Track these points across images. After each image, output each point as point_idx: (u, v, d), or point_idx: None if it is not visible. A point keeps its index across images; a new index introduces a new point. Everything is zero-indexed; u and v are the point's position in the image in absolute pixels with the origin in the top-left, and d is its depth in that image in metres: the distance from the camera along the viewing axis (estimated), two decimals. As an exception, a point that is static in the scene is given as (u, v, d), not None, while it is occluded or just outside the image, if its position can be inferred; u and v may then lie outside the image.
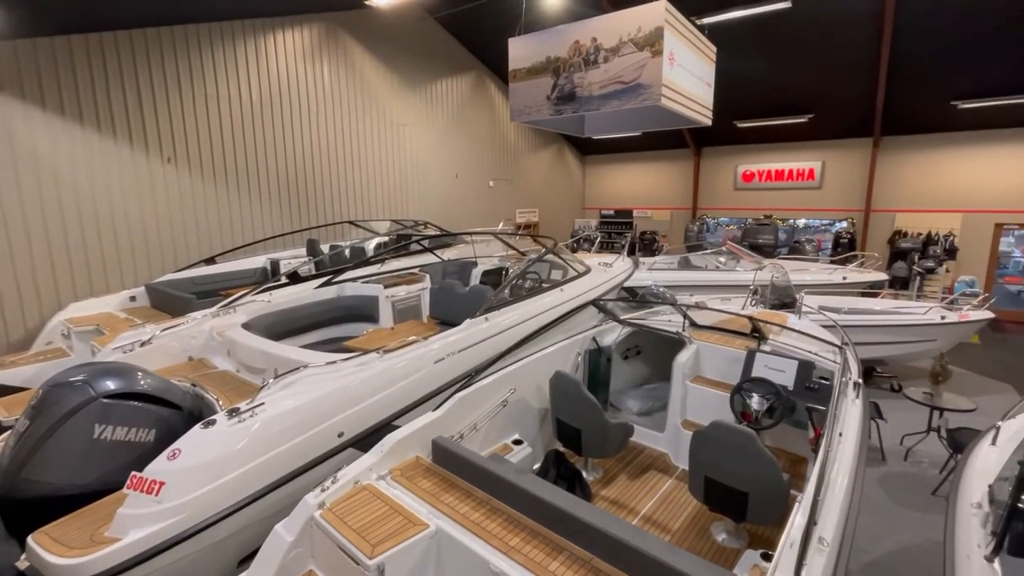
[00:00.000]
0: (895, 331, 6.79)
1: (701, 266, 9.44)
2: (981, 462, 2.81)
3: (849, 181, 12.65)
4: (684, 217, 15.10)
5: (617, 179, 16.49)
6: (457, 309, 4.33)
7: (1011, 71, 9.10)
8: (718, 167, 14.46)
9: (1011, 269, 11.40)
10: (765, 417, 3.31)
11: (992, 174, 11.11)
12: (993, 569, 2.04)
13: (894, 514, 4.39)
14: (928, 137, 11.50)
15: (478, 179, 12.64)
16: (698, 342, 4.07)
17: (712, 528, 3.06)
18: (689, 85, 6.32)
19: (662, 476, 3.61)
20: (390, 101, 10.16)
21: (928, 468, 5.09)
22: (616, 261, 6.66)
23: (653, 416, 4.25)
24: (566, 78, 6.28)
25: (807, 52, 9.69)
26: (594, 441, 3.27)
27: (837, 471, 2.49)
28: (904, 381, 7.00)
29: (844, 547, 2.26)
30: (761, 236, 12.58)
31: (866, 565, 3.79)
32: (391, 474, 2.55)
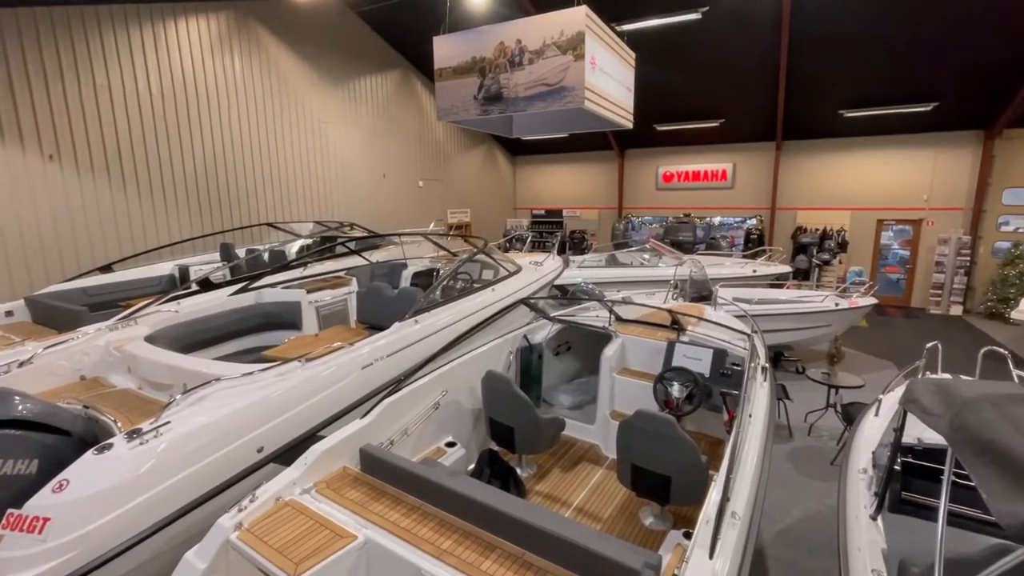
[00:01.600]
0: (798, 318, 7.45)
1: (627, 263, 9.84)
2: (866, 432, 3.15)
3: (757, 181, 13.72)
4: (611, 216, 15.69)
5: (547, 180, 16.84)
6: (386, 312, 4.22)
7: (889, 85, 10.29)
8: (641, 168, 15.16)
9: (891, 260, 12.87)
10: (685, 404, 3.51)
11: (875, 176, 12.50)
12: (876, 526, 2.28)
13: (800, 485, 4.82)
14: (821, 142, 12.73)
15: (407, 179, 12.40)
16: (623, 336, 4.24)
17: (640, 513, 3.19)
18: (611, 89, 6.58)
19: (593, 467, 3.72)
20: (310, 97, 9.71)
21: (828, 441, 5.63)
22: (546, 260, 6.78)
23: (584, 409, 4.37)
24: (492, 79, 6.31)
25: (717, 62, 10.39)
26: (527, 438, 3.31)
27: (748, 450, 2.69)
28: (807, 363, 7.69)
29: (754, 519, 2.44)
30: (681, 233, 13.34)
31: (777, 533, 4.13)
32: (316, 487, 2.43)
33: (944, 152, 11.71)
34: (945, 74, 9.70)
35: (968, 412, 1.62)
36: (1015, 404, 1.59)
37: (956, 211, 11.83)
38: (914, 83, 10.12)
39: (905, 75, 9.93)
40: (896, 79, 10.08)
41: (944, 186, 11.86)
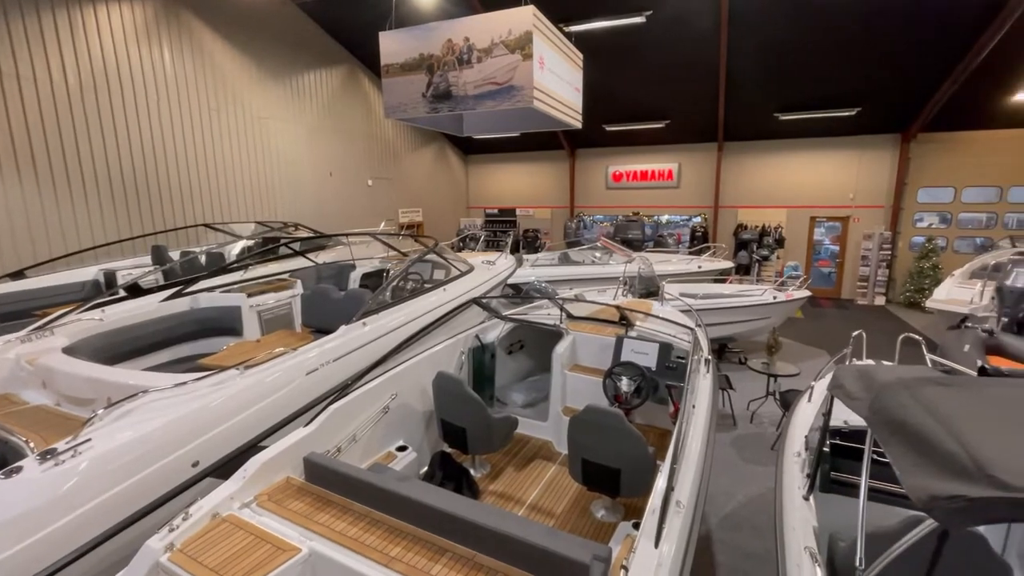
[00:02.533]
0: (740, 311, 7.81)
1: (579, 261, 10.00)
2: (800, 417, 3.33)
3: (701, 181, 14.27)
4: (563, 215, 15.90)
5: (500, 179, 16.86)
6: (333, 315, 4.08)
7: (818, 91, 10.96)
8: (591, 168, 15.45)
9: (823, 254, 13.73)
10: (634, 397, 3.60)
11: (808, 176, 13.29)
12: (809, 505, 2.42)
13: (743, 470, 5.05)
14: (759, 144, 13.40)
15: (355, 178, 12.07)
16: (574, 332, 4.30)
17: (592, 506, 3.25)
18: (559, 89, 6.65)
19: (547, 463, 3.75)
20: (250, 92, 9.27)
21: (768, 427, 5.93)
22: (499, 259, 6.78)
23: (537, 407, 4.39)
24: (441, 76, 6.25)
25: (661, 65, 10.73)
26: (479, 438, 3.29)
27: (692, 440, 2.78)
28: (749, 354, 8.08)
29: (699, 506, 2.53)
30: (631, 231, 13.69)
31: (723, 518, 4.31)
32: (257, 500, 2.32)
33: (867, 154, 12.60)
34: (866, 83, 10.43)
35: (884, 395, 1.74)
36: (925, 386, 1.72)
37: (878, 209, 12.76)
38: (840, 90, 10.83)
39: (832, 82, 10.61)
40: (824, 86, 10.75)
41: (868, 185, 12.76)
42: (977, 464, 1.21)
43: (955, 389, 1.69)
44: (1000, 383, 1.73)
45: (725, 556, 3.83)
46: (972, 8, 8.03)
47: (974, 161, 11.86)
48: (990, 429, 1.39)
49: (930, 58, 9.41)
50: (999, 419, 1.46)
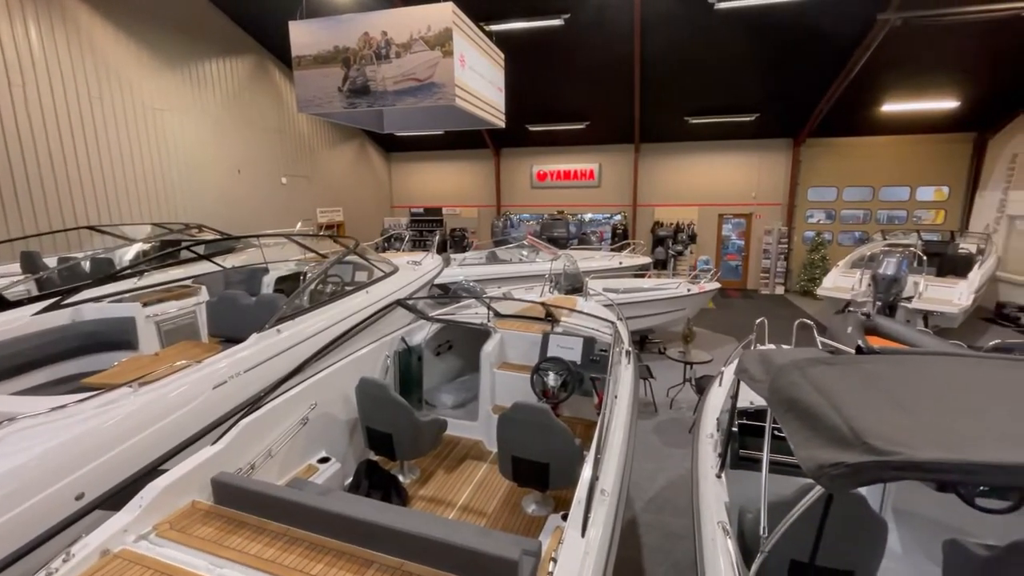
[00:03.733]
0: (658, 304, 8.24)
1: (507, 259, 10.08)
2: (713, 401, 3.56)
3: (620, 181, 14.90)
4: (490, 214, 15.95)
5: (424, 177, 16.58)
6: (243, 323, 3.80)
7: (722, 97, 11.81)
8: (516, 167, 15.62)
9: (731, 249, 14.83)
10: (561, 391, 3.68)
11: (716, 176, 14.29)
12: (721, 483, 2.59)
13: (665, 454, 5.33)
14: (672, 145, 14.22)
15: (268, 175, 11.33)
16: (502, 331, 4.32)
17: (523, 502, 3.27)
18: (481, 88, 6.64)
19: (478, 463, 3.73)
20: (141, 80, 8.40)
21: (686, 411, 6.31)
22: (425, 259, 6.66)
23: (467, 407, 4.36)
24: (358, 70, 6.02)
25: (581, 67, 11.06)
26: (407, 443, 3.21)
27: (615, 429, 2.89)
28: (667, 344, 8.54)
29: (623, 492, 2.63)
30: (556, 230, 14.01)
31: (647, 501, 4.52)
32: (156, 530, 2.10)
33: (766, 156, 13.78)
34: (763, 92, 11.41)
35: (780, 376, 1.90)
36: (813, 366, 1.90)
37: (776, 206, 14.01)
38: (741, 97, 11.75)
39: (734, 90, 11.49)
40: (728, 93, 11.61)
41: (767, 185, 13.96)
42: (855, 433, 1.35)
43: (837, 367, 1.87)
44: (873, 359, 1.94)
45: (650, 537, 4.02)
46: (845, 30, 9.01)
47: (852, 164, 13.36)
48: (865, 401, 1.56)
49: (814, 71, 10.46)
50: (873, 392, 1.64)
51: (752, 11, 8.52)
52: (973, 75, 10.25)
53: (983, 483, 2.38)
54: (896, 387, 1.67)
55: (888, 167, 13.16)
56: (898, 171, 13.12)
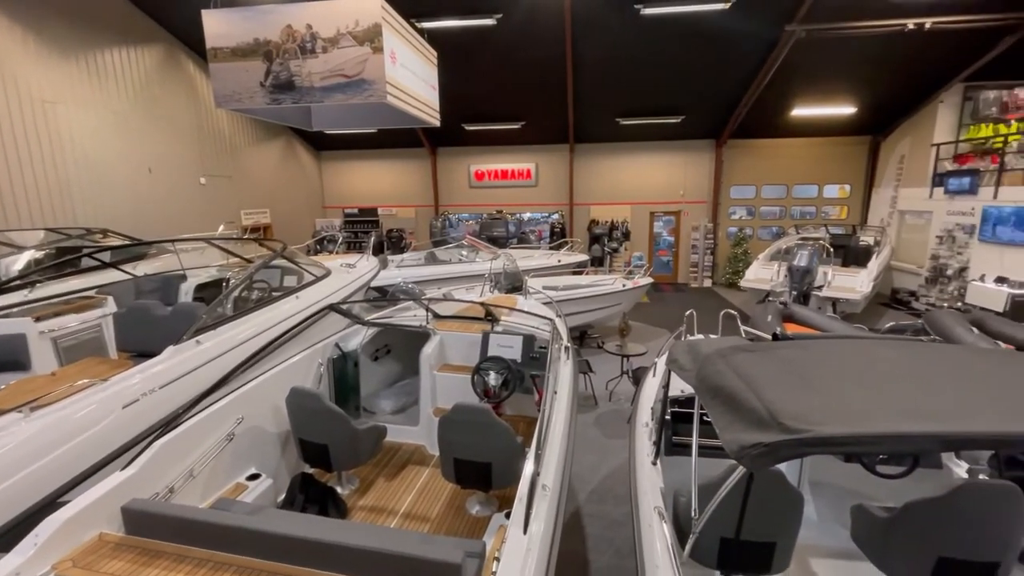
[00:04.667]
0: (596, 300, 8.46)
1: (446, 260, 9.98)
2: (647, 391, 3.70)
3: (557, 180, 15.17)
4: (428, 214, 15.72)
5: (358, 177, 16.06)
6: (157, 335, 3.50)
7: (650, 100, 12.30)
8: (453, 166, 15.50)
9: (662, 245, 15.52)
10: (502, 390, 3.68)
11: (646, 175, 14.89)
12: (656, 469, 2.69)
13: (606, 446, 5.49)
14: (605, 146, 14.65)
15: (184, 175, 10.53)
16: (442, 332, 4.26)
17: (467, 504, 3.25)
18: (414, 86, 6.52)
19: (420, 468, 3.66)
20: (25, 69, 7.52)
21: (624, 403, 6.52)
22: (359, 261, 6.45)
23: (408, 411, 4.27)
24: (281, 65, 5.73)
25: (515, 68, 11.13)
26: (344, 452, 3.09)
27: (555, 424, 2.93)
28: (605, 338, 8.80)
29: (564, 486, 2.67)
30: (495, 229, 14.05)
31: (590, 492, 4.63)
32: (56, 569, 1.89)
33: (692, 156, 14.53)
34: (687, 95, 12.01)
35: (705, 364, 1.99)
36: (735, 354, 2.01)
37: (702, 204, 14.81)
38: (667, 100, 12.31)
39: (661, 93, 12.01)
40: (655, 95, 12.12)
41: (694, 184, 14.73)
42: (771, 415, 1.44)
43: (756, 354, 2.00)
44: (786, 345, 2.09)
45: (593, 527, 4.12)
46: (758, 39, 9.68)
47: (769, 164, 14.38)
48: (781, 384, 1.67)
49: (732, 76, 11.15)
50: (787, 375, 1.76)
51: (675, 18, 8.94)
52: (866, 84, 11.34)
53: (879, 452, 2.63)
54: (807, 369, 1.81)
55: (799, 167, 14.29)
56: (808, 170, 14.29)
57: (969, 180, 9.94)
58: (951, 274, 10.32)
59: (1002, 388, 1.63)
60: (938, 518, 2.04)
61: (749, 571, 2.24)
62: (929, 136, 11.55)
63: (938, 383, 1.66)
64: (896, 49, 9.78)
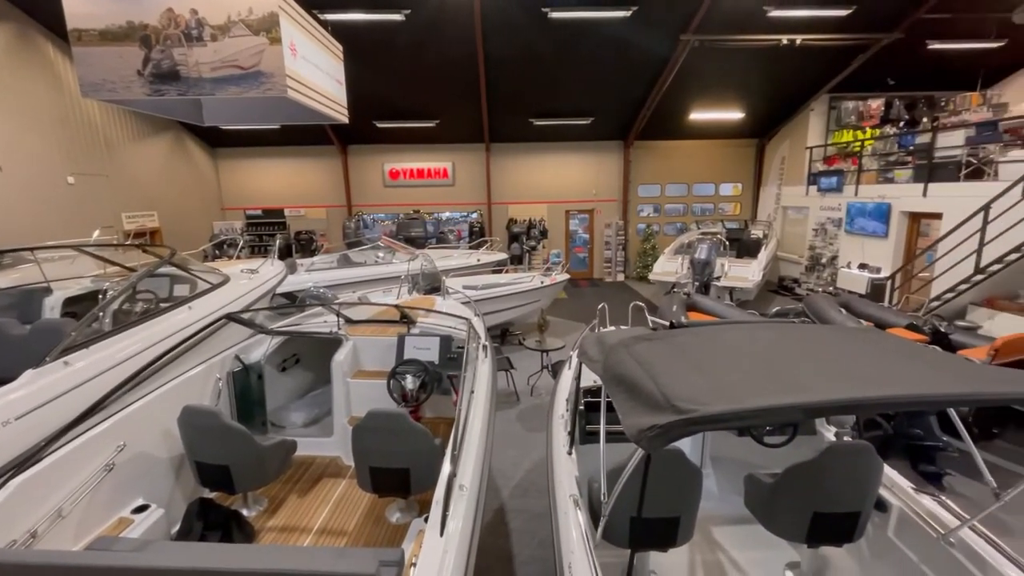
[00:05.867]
0: (515, 297, 8.58)
1: (361, 262, 9.62)
2: (563, 383, 3.81)
3: (474, 179, 15.17)
4: (341, 215, 15.05)
5: (262, 176, 14.97)
6: (12, 358, 3.02)
7: (562, 102, 12.65)
8: (366, 165, 14.96)
9: (578, 242, 16.05)
10: (420, 393, 3.62)
11: (561, 174, 15.31)
12: (571, 459, 2.78)
13: (528, 440, 5.58)
14: (520, 145, 14.87)
15: (45, 174, 9.19)
16: (354, 338, 4.10)
17: (387, 512, 3.16)
18: (318, 80, 6.21)
19: (336, 480, 3.51)
20: None
21: (545, 397, 6.67)
22: (263, 266, 6.02)
23: (321, 423, 4.07)
24: (162, 52, 5.21)
25: (428, 66, 10.95)
26: (247, 472, 2.87)
27: (473, 423, 2.92)
28: (526, 335, 8.96)
29: (483, 484, 2.67)
30: (413, 229, 13.78)
31: (513, 487, 4.69)
32: None
33: (602, 156, 15.18)
34: (596, 97, 12.51)
35: (611, 355, 2.09)
36: (637, 343, 2.12)
37: (613, 202, 15.52)
38: (578, 102, 12.75)
39: (571, 95, 12.41)
40: (567, 97, 12.50)
41: (605, 183, 15.39)
42: (666, 398, 1.54)
43: (656, 342, 2.12)
44: (682, 333, 2.24)
45: (517, 521, 4.17)
46: (658, 46, 10.30)
47: (671, 164, 15.39)
48: (675, 369, 1.79)
49: (636, 80, 11.79)
50: (681, 360, 1.89)
51: (580, 22, 9.27)
52: (752, 92, 12.50)
53: (756, 424, 2.91)
54: (699, 354, 1.95)
55: (698, 167, 15.44)
56: (705, 170, 15.48)
57: (836, 179, 11.30)
58: (825, 262, 11.68)
59: (858, 361, 1.87)
60: (811, 478, 2.29)
61: (657, 545, 2.39)
62: (804, 140, 12.99)
63: (807, 360, 1.86)
64: (774, 61, 10.87)
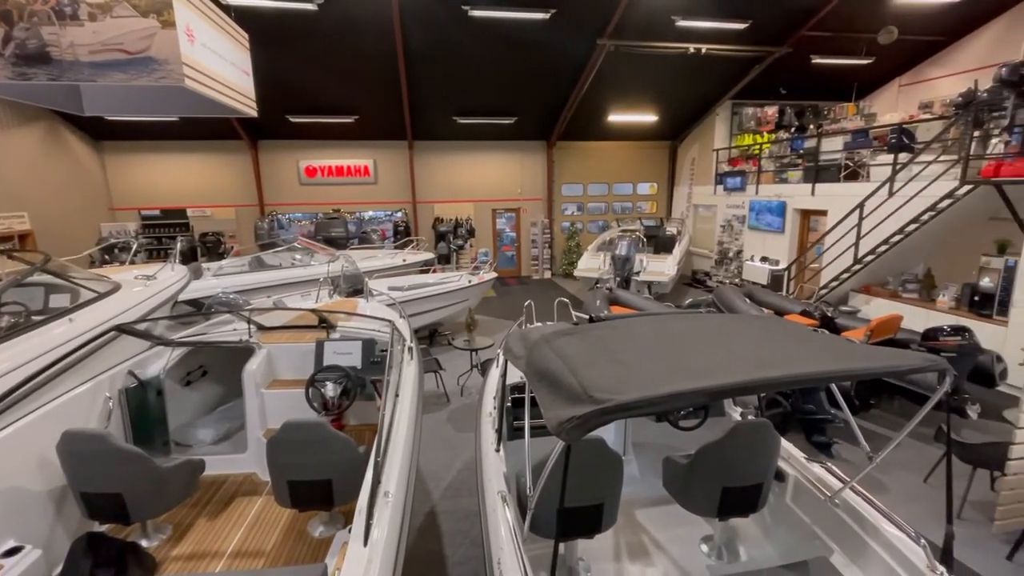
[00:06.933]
0: (443, 297, 8.49)
1: (276, 265, 9.07)
2: (491, 381, 3.82)
3: (398, 177, 14.80)
4: (252, 214, 14.07)
5: (159, 172, 13.58)
6: None
7: (485, 101, 12.67)
8: (280, 161, 14.11)
9: (505, 240, 16.18)
10: (342, 400, 3.47)
11: (487, 173, 15.34)
12: (499, 456, 2.79)
13: (459, 441, 5.54)
14: (445, 143, 14.72)
15: None
16: (268, 346, 3.85)
17: (309, 526, 3.00)
18: (221, 70, 5.75)
19: (251, 498, 3.28)
20: None
21: (476, 396, 6.65)
22: (161, 271, 5.49)
23: (233, 438, 3.79)
24: (27, 30, 4.57)
25: (345, 60, 10.51)
26: (145, 499, 2.60)
27: (399, 428, 2.85)
28: (455, 335, 8.89)
29: (409, 490, 2.61)
30: (333, 229, 13.20)
31: (444, 489, 4.64)
32: None
33: (527, 156, 15.40)
34: (520, 97, 12.65)
35: (533, 350, 2.12)
36: (558, 338, 2.17)
37: (539, 201, 15.81)
38: (501, 101, 12.83)
39: (495, 94, 12.46)
40: (489, 96, 12.53)
41: (530, 182, 15.63)
42: (584, 389, 1.59)
43: (576, 336, 2.18)
44: (600, 326, 2.32)
45: (448, 523, 4.13)
46: (577, 49, 10.61)
47: (593, 164, 15.93)
48: (593, 361, 1.85)
49: (558, 82, 12.06)
50: (599, 352, 1.95)
51: (501, 22, 9.33)
52: (664, 96, 13.24)
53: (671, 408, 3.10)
54: (615, 345, 2.03)
55: (617, 167, 16.11)
56: (624, 170, 16.19)
57: (739, 179, 12.27)
58: (732, 256, 12.65)
59: (757, 346, 2.03)
60: (720, 457, 2.47)
61: (583, 533, 2.46)
62: (711, 143, 13.97)
63: (713, 347, 1.99)
64: (684, 69, 11.59)
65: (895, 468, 4.72)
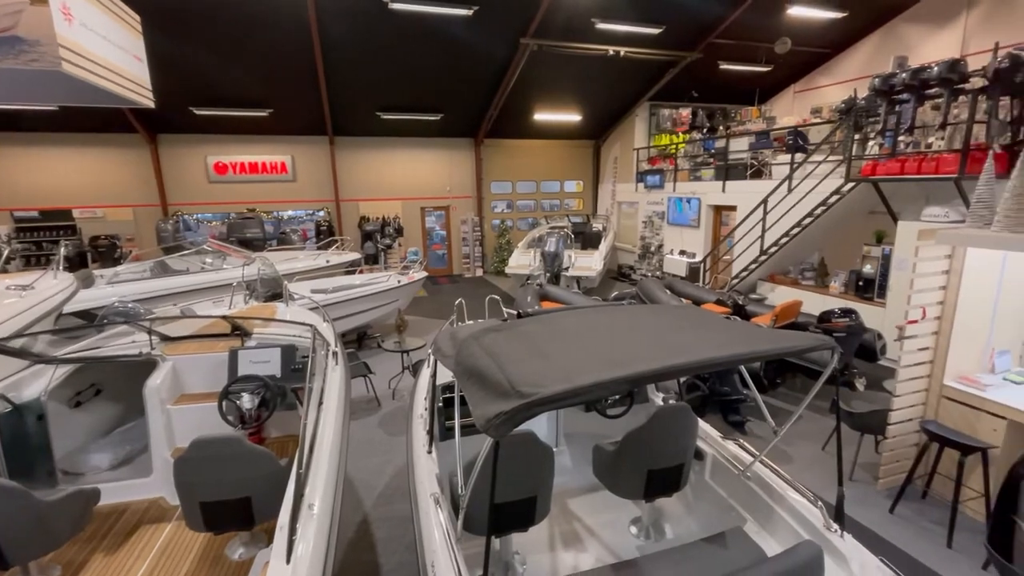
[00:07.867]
0: (372, 299, 8.22)
1: (183, 269, 8.34)
2: (422, 382, 3.75)
3: (319, 175, 14.12)
4: (154, 215, 12.83)
5: (37, 169, 12.00)
6: None
7: (410, 97, 12.36)
8: (184, 157, 12.97)
9: (435, 239, 15.96)
10: (261, 412, 3.25)
11: (415, 170, 15.02)
12: (431, 457, 2.74)
13: (391, 445, 5.39)
14: (369, 140, 14.23)
15: None
16: (173, 358, 3.53)
17: (227, 549, 2.79)
18: (108, 55, 5.14)
19: (159, 525, 2.99)
20: None
21: (407, 398, 6.51)
22: (40, 280, 4.86)
23: (135, 462, 3.44)
24: None
25: (256, 51, 9.82)
26: (24, 538, 2.30)
27: (323, 436, 2.72)
28: (385, 337, 8.64)
29: (336, 501, 2.50)
30: (248, 230, 12.37)
31: (377, 496, 4.49)
32: None
33: (455, 153, 15.26)
34: (444, 93, 12.48)
35: (462, 348, 2.09)
36: (487, 335, 2.16)
37: (468, 199, 15.73)
38: (426, 97, 12.59)
39: (419, 90, 12.19)
40: (414, 92, 12.23)
41: (459, 179, 15.51)
42: (511, 384, 1.59)
43: (504, 332, 2.18)
44: (528, 321, 2.34)
45: (382, 530, 4.01)
46: (501, 47, 10.65)
47: (520, 162, 16.09)
48: (520, 357, 1.86)
49: (482, 79, 12.05)
50: (526, 347, 1.97)
51: (423, 16, 9.15)
52: (587, 96, 13.63)
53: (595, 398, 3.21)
54: (541, 340, 2.06)
55: (544, 165, 16.39)
56: (551, 168, 16.51)
57: (658, 177, 12.91)
58: (653, 250, 13.30)
59: (675, 334, 2.13)
60: (644, 441, 2.58)
61: (516, 527, 2.48)
62: (631, 142, 14.58)
63: (632, 337, 2.07)
64: (605, 70, 11.99)
65: (797, 439, 5.19)
